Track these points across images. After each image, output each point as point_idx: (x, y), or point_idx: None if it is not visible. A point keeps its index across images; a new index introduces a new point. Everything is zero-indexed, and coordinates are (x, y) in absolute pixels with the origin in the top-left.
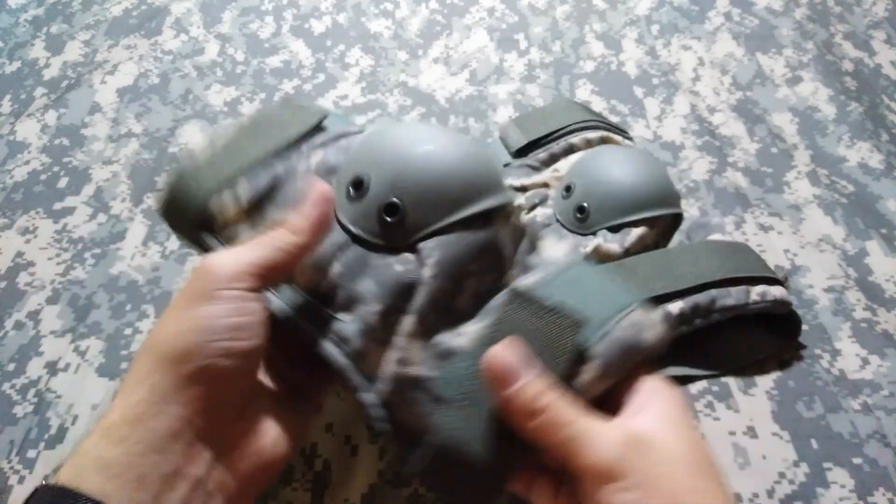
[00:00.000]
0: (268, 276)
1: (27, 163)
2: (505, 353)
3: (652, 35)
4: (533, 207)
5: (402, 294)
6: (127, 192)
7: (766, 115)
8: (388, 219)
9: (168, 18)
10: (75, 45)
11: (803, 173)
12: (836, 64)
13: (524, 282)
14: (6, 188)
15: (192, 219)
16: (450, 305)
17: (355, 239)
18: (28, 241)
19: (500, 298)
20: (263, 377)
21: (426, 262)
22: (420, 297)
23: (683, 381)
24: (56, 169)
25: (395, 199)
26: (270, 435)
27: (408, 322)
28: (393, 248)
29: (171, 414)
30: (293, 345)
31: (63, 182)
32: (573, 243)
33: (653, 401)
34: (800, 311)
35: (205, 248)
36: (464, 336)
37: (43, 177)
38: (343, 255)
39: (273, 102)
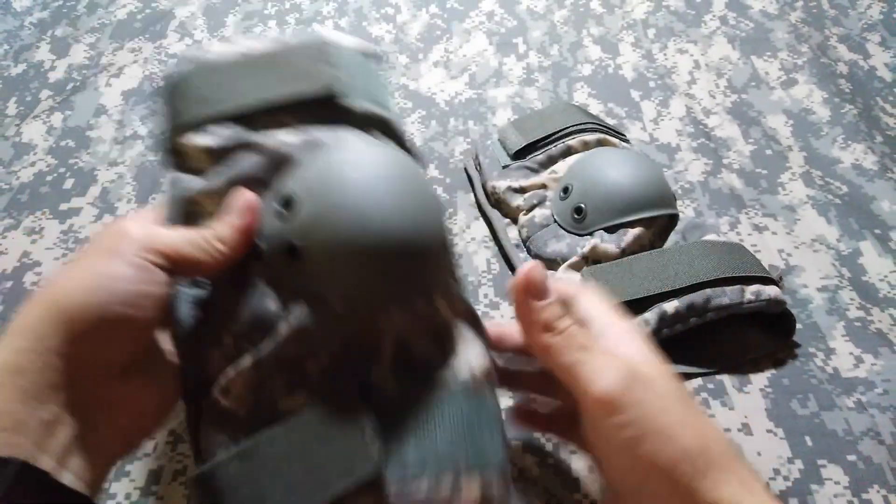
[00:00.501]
0: (177, 266)
1: (33, 164)
2: (541, 270)
3: (648, 39)
4: (531, 209)
5: (259, 331)
6: (132, 194)
7: (761, 117)
8: (289, 257)
9: (172, 22)
10: (80, 48)
11: (797, 174)
12: (831, 66)
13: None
14: (12, 189)
15: (164, 141)
16: (297, 366)
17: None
18: (34, 242)
19: (346, 393)
20: (163, 340)
21: (292, 322)
22: (266, 347)
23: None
24: (62, 170)
25: (296, 243)
26: (153, 398)
27: (246, 361)
28: (288, 288)
29: (53, 367)
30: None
31: (69, 183)
32: (570, 244)
33: (624, 334)
34: (794, 311)
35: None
36: (288, 401)
37: (49, 178)
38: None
39: (312, 34)
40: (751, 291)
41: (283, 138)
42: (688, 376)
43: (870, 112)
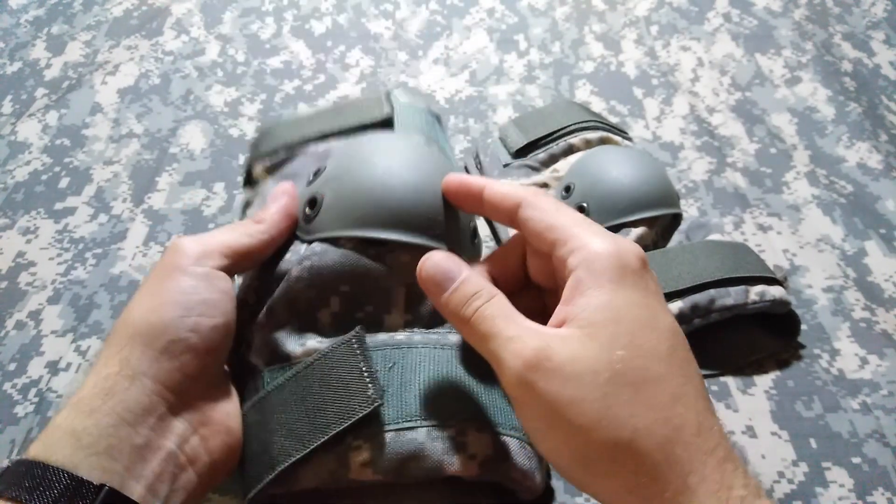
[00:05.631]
0: (234, 259)
1: (28, 163)
2: (441, 258)
3: (651, 36)
4: None
5: (277, 281)
6: (128, 193)
7: (765, 115)
8: (309, 211)
9: (169, 19)
10: (76, 46)
11: (802, 173)
12: (835, 64)
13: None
14: (7, 188)
15: (244, 171)
16: (308, 314)
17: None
18: (29, 242)
19: (350, 335)
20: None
21: (302, 262)
22: (278, 290)
23: None
24: (57, 169)
25: (316, 194)
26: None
27: (264, 308)
28: (306, 240)
29: (142, 388)
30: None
31: (64, 182)
32: None
33: (583, 284)
34: (799, 311)
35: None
36: (301, 349)
37: (44, 177)
38: None
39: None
40: (755, 292)
41: (331, 143)
42: None
43: (875, 110)
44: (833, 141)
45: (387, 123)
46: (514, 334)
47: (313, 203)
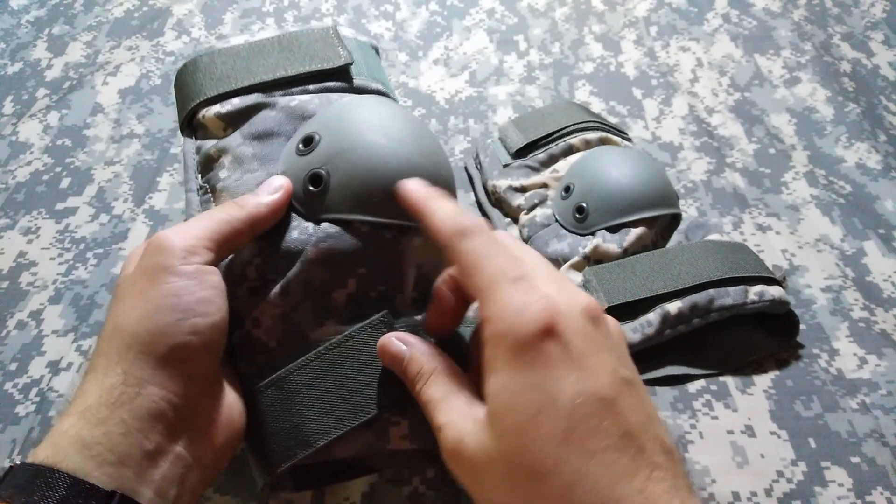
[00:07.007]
0: (219, 251)
1: (29, 163)
2: (387, 342)
3: (650, 36)
4: (532, 208)
5: (285, 259)
6: (129, 193)
7: (765, 115)
8: (312, 188)
9: (170, 20)
10: (77, 47)
11: (801, 174)
12: (834, 65)
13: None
14: (8, 188)
15: (183, 115)
16: (324, 294)
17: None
18: (30, 242)
19: (377, 318)
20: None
21: (318, 244)
22: (293, 271)
23: (682, 380)
24: (58, 169)
25: (320, 171)
26: (238, 404)
27: (274, 290)
28: (312, 218)
29: (148, 396)
30: None
31: (65, 182)
32: (572, 243)
33: (489, 364)
34: (798, 311)
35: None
36: (319, 329)
37: (45, 177)
38: None
39: (323, 23)
40: (754, 292)
41: (300, 97)
42: (690, 378)
43: (873, 111)
44: (832, 141)
45: (345, 69)
46: (442, 422)
47: (317, 180)
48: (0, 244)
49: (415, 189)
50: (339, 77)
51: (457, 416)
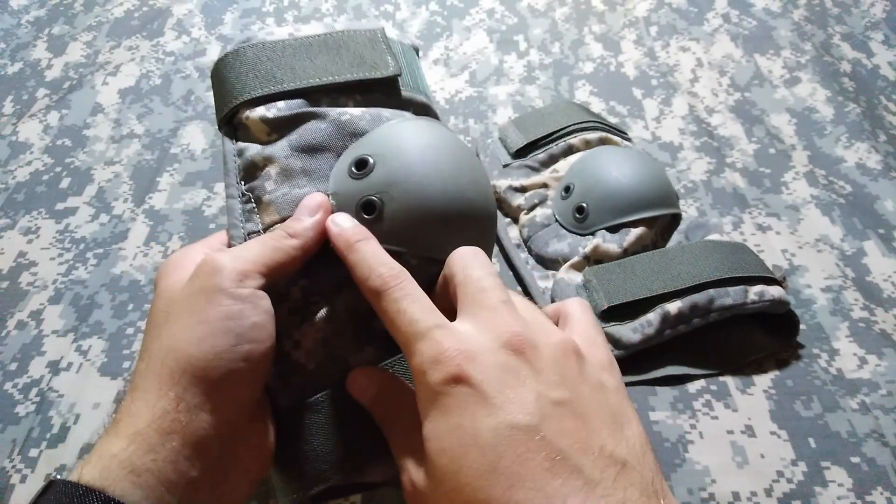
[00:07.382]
0: (270, 277)
1: (29, 163)
2: (368, 374)
3: (651, 36)
4: (532, 208)
5: (333, 284)
6: (129, 193)
7: (765, 115)
8: (365, 215)
9: (170, 20)
10: (77, 47)
11: (801, 174)
12: (834, 65)
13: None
14: (8, 188)
15: (223, 112)
16: (366, 321)
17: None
18: (30, 242)
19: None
20: None
21: None
22: (340, 297)
23: (682, 380)
24: (58, 169)
25: (374, 199)
26: (271, 429)
27: (322, 310)
28: None
29: (199, 423)
30: None
31: (65, 182)
32: (572, 243)
33: (419, 413)
34: (798, 311)
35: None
36: (357, 357)
37: (45, 177)
38: None
39: (371, 24)
40: (754, 292)
41: (351, 111)
42: (690, 378)
43: (873, 111)
44: (832, 141)
45: (393, 80)
46: (399, 464)
47: (370, 208)
48: (0, 244)
49: (342, 231)
50: (386, 87)
51: (410, 458)
